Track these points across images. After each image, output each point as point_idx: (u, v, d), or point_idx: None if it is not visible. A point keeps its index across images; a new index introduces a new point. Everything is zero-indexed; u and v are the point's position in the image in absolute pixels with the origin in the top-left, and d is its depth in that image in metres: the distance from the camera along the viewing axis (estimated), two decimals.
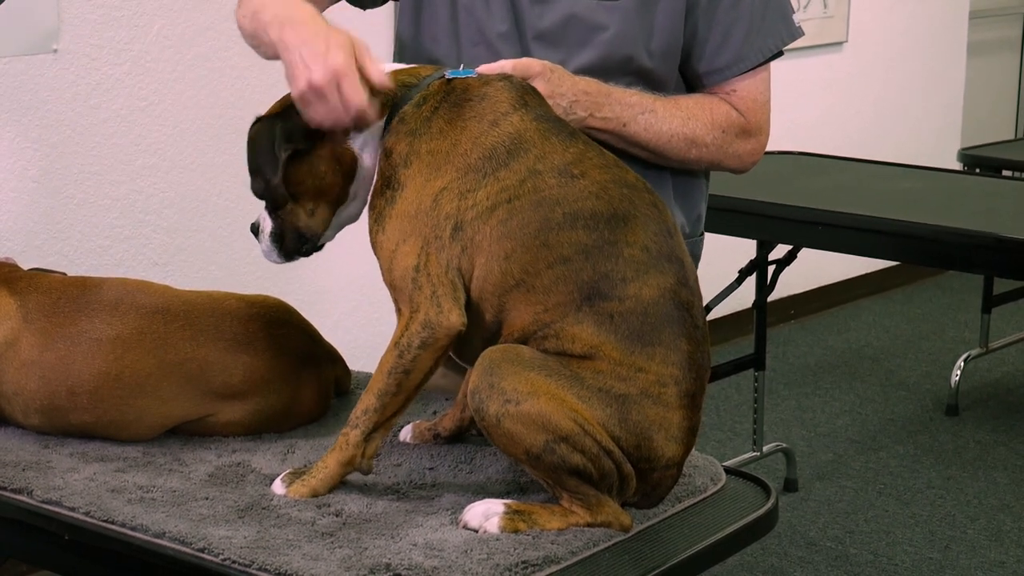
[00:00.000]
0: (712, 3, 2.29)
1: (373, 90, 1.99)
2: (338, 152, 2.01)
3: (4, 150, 3.66)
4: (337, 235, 2.16)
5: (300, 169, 2.02)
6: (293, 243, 2.07)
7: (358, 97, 1.95)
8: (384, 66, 2.05)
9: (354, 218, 2.08)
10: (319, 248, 2.10)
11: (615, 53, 2.26)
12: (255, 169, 2.03)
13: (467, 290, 1.92)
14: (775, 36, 2.34)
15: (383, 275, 1.97)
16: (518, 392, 1.81)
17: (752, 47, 2.31)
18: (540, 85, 2.10)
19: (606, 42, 2.26)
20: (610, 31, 2.25)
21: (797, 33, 2.38)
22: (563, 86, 2.16)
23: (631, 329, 1.86)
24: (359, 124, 1.99)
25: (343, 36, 1.99)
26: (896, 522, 4.32)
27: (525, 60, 2.14)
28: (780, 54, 2.35)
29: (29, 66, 3.67)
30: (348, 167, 2.02)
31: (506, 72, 2.07)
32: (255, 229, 2.10)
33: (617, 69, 2.27)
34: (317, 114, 1.97)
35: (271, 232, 2.07)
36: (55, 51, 3.72)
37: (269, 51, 2.12)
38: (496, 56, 2.22)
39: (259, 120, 2.05)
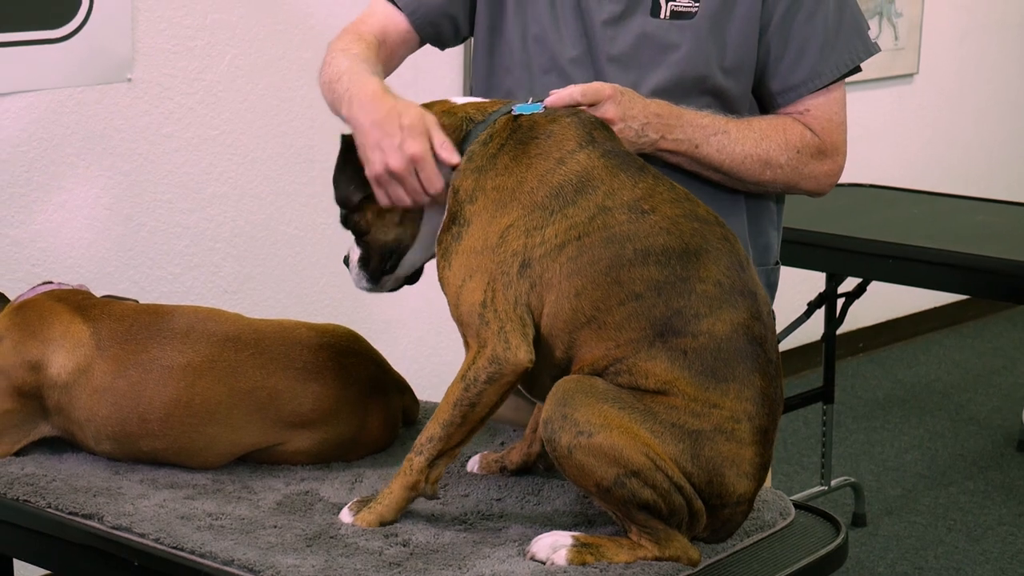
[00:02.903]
0: (786, 19, 2.27)
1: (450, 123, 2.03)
2: None
3: (78, 178, 3.70)
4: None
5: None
6: (377, 263, 2.10)
7: (437, 182, 2.00)
8: (461, 100, 2.08)
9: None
10: (412, 280, 2.14)
11: (688, 72, 2.25)
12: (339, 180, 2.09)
13: (536, 327, 1.92)
14: (851, 51, 2.30)
15: (451, 311, 1.97)
16: (591, 424, 1.81)
17: (827, 63, 2.28)
18: (611, 109, 2.10)
19: (679, 61, 2.25)
20: (682, 50, 2.24)
21: (873, 49, 2.33)
22: (634, 109, 2.16)
23: (704, 365, 1.85)
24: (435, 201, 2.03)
25: (415, 116, 2.02)
26: (966, 559, 4.27)
27: (595, 84, 2.13)
28: (857, 70, 2.32)
29: (103, 95, 3.71)
30: None
31: (575, 98, 2.07)
32: (346, 261, 2.14)
33: (691, 88, 2.26)
34: (392, 195, 2.02)
35: (359, 258, 2.11)
36: (129, 80, 3.76)
37: (346, 122, 2.17)
38: (569, 81, 2.23)
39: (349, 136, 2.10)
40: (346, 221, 2.10)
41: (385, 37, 2.34)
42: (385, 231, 2.08)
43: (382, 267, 2.11)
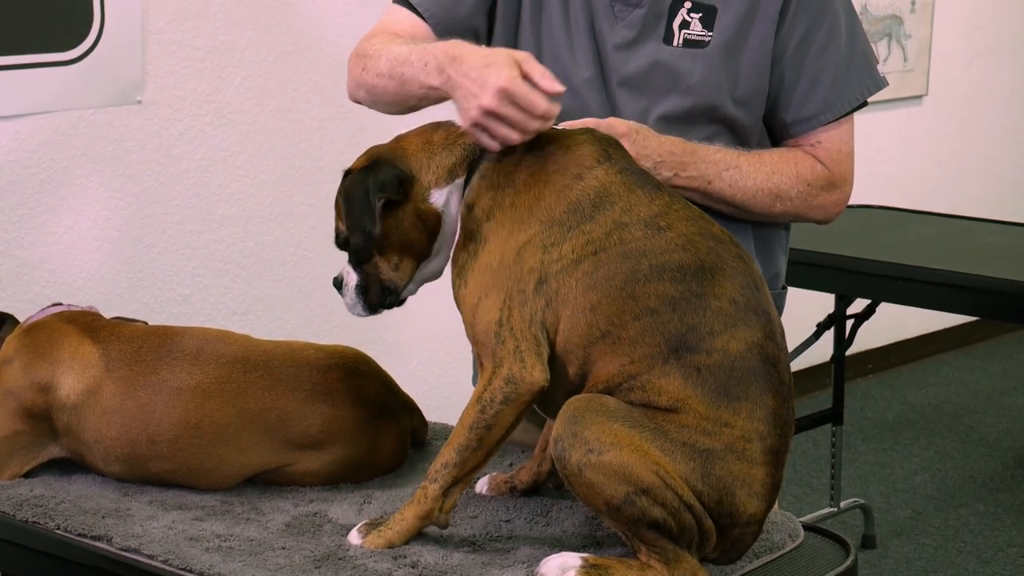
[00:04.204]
0: (799, 52, 2.28)
1: (456, 144, 2.01)
2: (422, 209, 2.01)
3: (88, 200, 3.71)
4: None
5: (387, 223, 2.01)
6: (377, 296, 2.06)
7: (540, 102, 1.94)
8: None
9: (437, 274, 2.08)
10: (401, 303, 2.10)
11: (700, 101, 2.26)
12: (354, 221, 2.01)
13: (552, 344, 1.91)
14: (861, 85, 2.33)
15: (466, 329, 1.97)
16: (601, 442, 1.81)
17: (839, 96, 2.30)
18: (626, 146, 2.10)
19: (691, 89, 2.26)
20: (694, 78, 2.25)
21: (882, 83, 2.37)
22: (648, 147, 2.17)
23: (718, 383, 1.86)
24: (547, 120, 1.95)
25: (501, 54, 1.98)
26: None
27: (609, 120, 2.15)
28: (864, 104, 2.34)
29: (114, 117, 3.72)
30: (432, 223, 2.02)
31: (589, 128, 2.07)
32: (338, 283, 2.09)
33: (701, 116, 2.27)
34: (497, 135, 1.96)
35: (356, 285, 2.06)
36: (139, 102, 3.77)
37: (420, 102, 2.15)
38: (582, 102, 2.24)
39: (349, 172, 2.05)
40: (346, 243, 2.05)
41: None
42: (388, 268, 2.03)
43: (382, 301, 2.07)
